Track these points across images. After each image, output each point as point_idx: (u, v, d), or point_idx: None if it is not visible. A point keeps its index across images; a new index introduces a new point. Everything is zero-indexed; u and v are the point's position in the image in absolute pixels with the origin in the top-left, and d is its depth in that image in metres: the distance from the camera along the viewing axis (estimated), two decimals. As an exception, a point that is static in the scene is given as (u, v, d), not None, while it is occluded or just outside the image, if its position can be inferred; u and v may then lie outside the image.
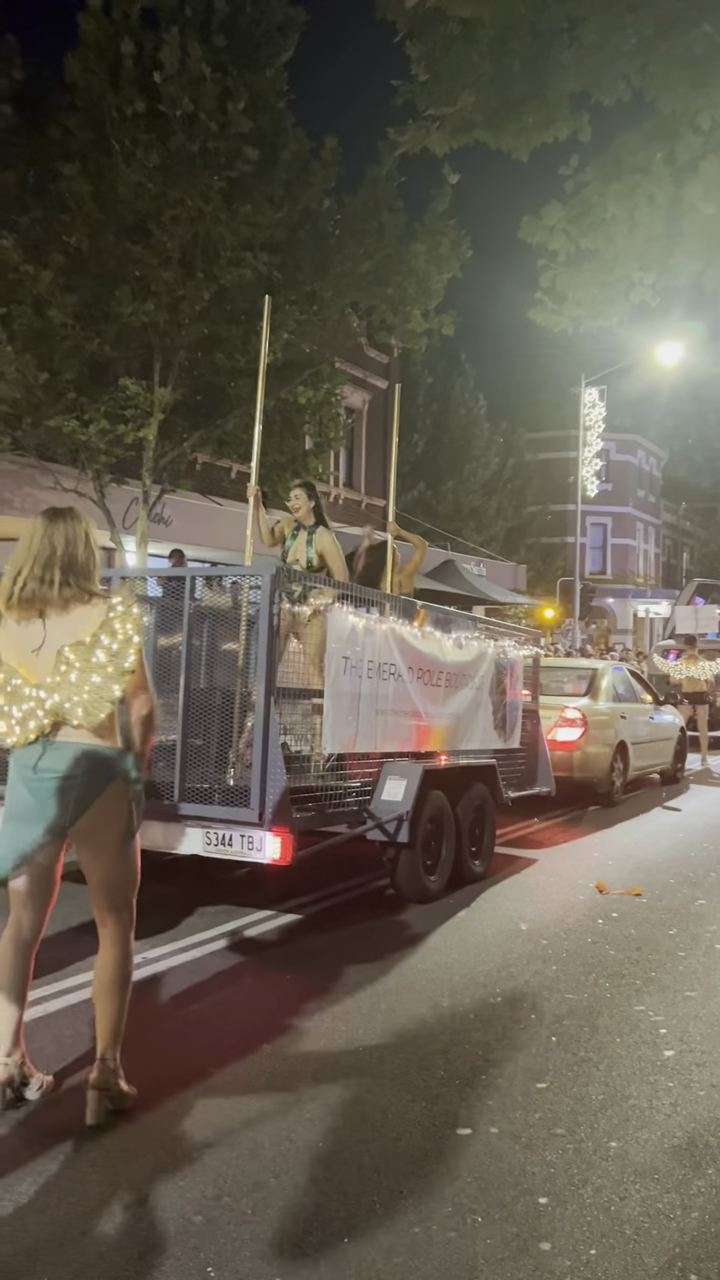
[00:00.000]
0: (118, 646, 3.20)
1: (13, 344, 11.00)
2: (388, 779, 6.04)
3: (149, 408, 11.72)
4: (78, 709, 3.20)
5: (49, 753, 3.26)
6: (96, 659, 3.19)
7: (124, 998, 3.43)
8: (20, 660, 3.29)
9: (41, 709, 3.22)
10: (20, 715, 3.23)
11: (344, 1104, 3.53)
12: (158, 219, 11.14)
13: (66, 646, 3.20)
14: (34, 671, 3.25)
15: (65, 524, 3.33)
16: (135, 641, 3.23)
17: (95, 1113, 3.28)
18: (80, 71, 11.09)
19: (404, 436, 26.75)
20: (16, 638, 3.30)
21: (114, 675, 3.21)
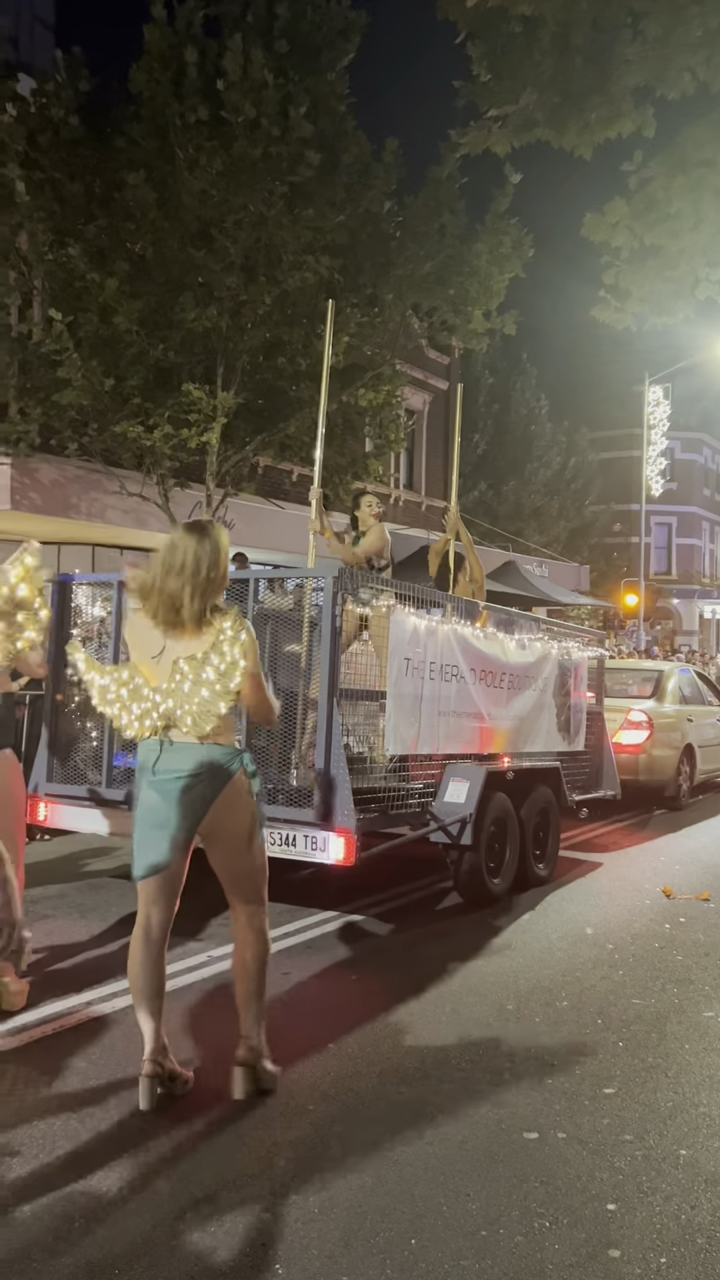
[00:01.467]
0: (225, 668, 3.33)
1: (80, 351, 11.17)
2: (450, 781, 6.02)
3: (212, 412, 11.83)
4: (186, 718, 3.37)
5: (165, 754, 3.44)
6: (206, 675, 3.34)
7: (263, 982, 3.58)
8: (143, 661, 3.47)
9: (156, 712, 3.41)
10: (138, 713, 3.44)
11: (409, 1105, 3.53)
12: (221, 225, 11.24)
13: (183, 659, 3.35)
14: (155, 674, 3.43)
15: (192, 541, 3.40)
16: (241, 666, 3.34)
17: (241, 1087, 3.47)
18: (145, 81, 11.24)
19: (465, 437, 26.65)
20: (143, 639, 3.47)
21: (220, 694, 3.35)
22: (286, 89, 10.99)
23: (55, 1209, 2.80)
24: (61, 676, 6.24)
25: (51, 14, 29.65)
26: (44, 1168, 3.03)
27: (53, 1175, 2.98)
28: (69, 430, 12.29)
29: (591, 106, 7.33)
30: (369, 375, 13.35)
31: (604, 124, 7.43)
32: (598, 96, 7.28)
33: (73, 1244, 2.64)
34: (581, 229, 8.16)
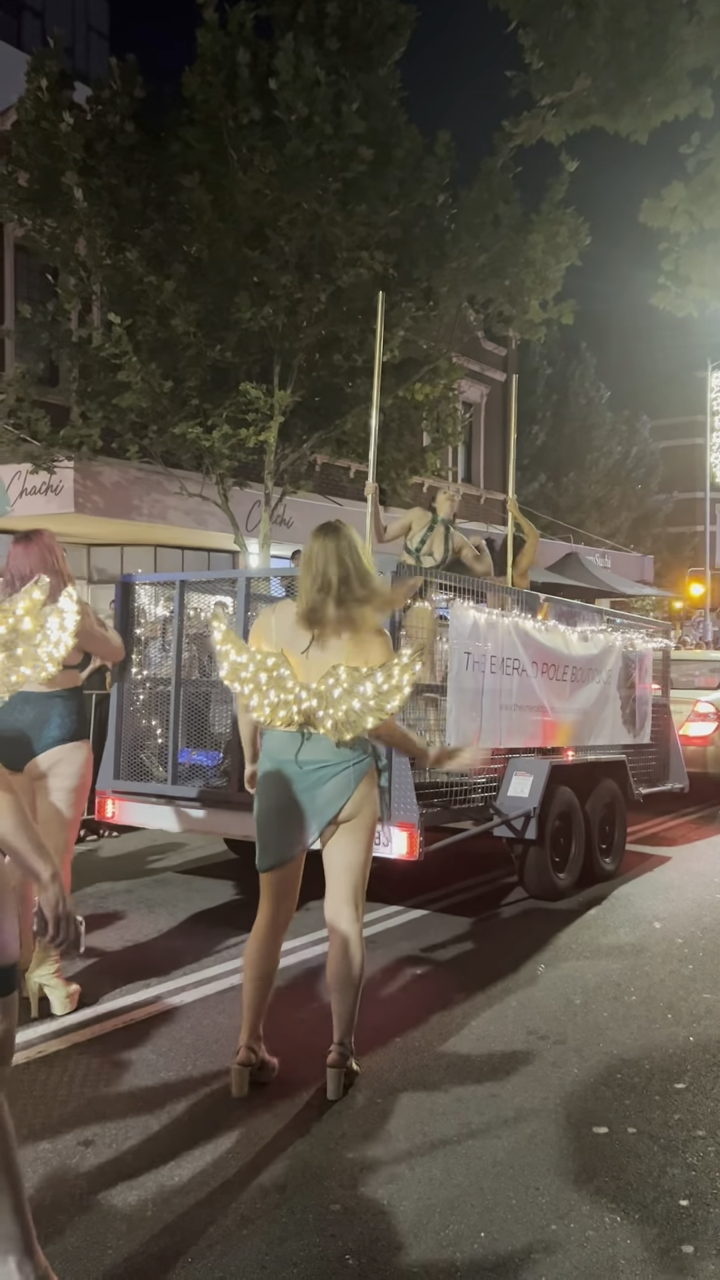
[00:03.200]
0: (388, 688, 3.34)
1: (139, 354, 11.32)
2: (514, 775, 5.99)
3: (269, 411, 11.91)
4: (328, 721, 3.39)
5: (307, 744, 3.47)
6: (363, 689, 3.34)
7: (359, 984, 3.58)
8: (290, 652, 3.49)
9: (297, 706, 3.41)
10: (275, 701, 3.44)
11: (477, 1099, 3.53)
12: (275, 224, 11.30)
13: (343, 666, 3.36)
14: (301, 669, 3.45)
15: (331, 542, 3.46)
16: (405, 692, 3.36)
17: (336, 1089, 3.50)
18: (198, 85, 11.33)
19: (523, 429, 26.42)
20: (290, 633, 3.52)
21: (373, 710, 3.36)
22: (338, 86, 11.00)
23: (129, 1197, 2.85)
24: (129, 674, 6.33)
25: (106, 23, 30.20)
26: (117, 1157, 3.08)
27: (126, 1165, 3.03)
28: (129, 433, 12.45)
29: (647, 90, 7.21)
30: (425, 369, 13.31)
31: (660, 107, 7.31)
32: (653, 79, 7.16)
33: (146, 1232, 2.68)
34: (639, 215, 8.05)
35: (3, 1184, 2.17)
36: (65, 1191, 2.88)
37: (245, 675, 3.50)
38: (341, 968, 3.55)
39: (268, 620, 3.64)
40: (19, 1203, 2.20)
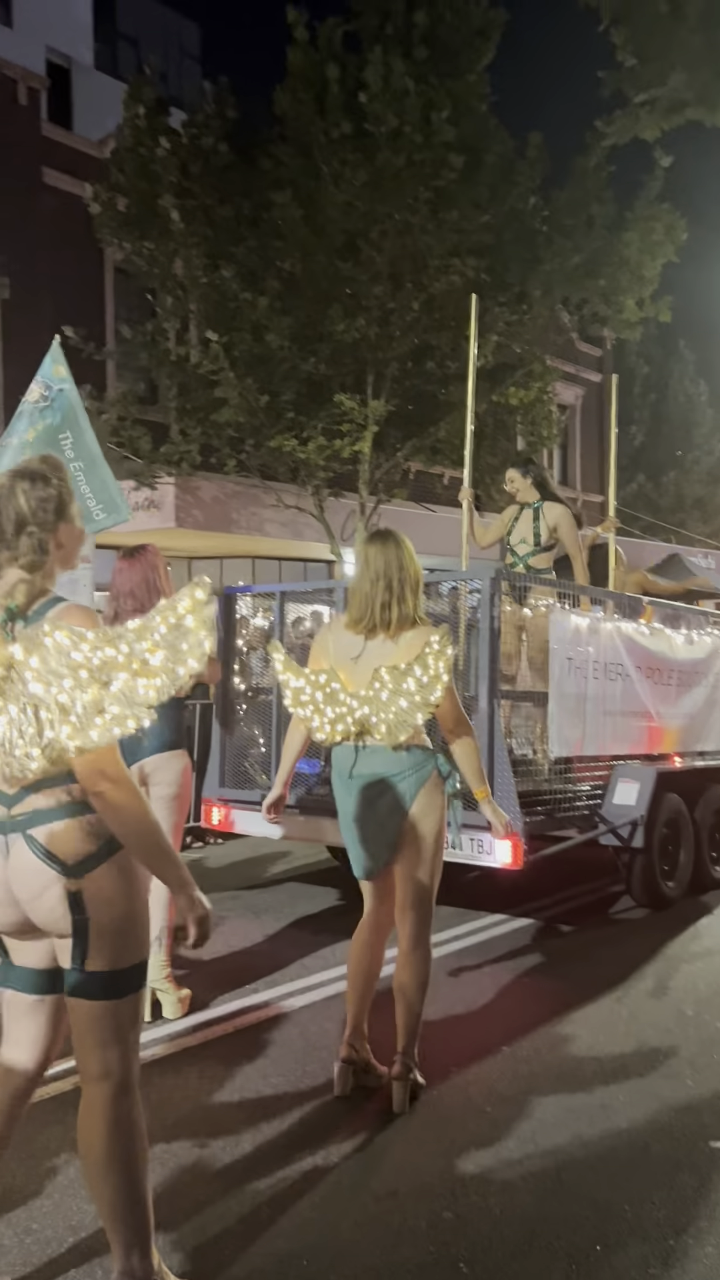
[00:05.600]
0: (427, 680, 3.34)
1: (235, 370, 11.52)
2: (619, 782, 5.90)
3: (363, 421, 11.98)
4: (381, 726, 3.40)
5: (361, 758, 3.50)
6: (407, 686, 3.36)
7: (423, 997, 3.58)
8: (340, 665, 3.53)
9: (351, 717, 3.45)
10: (332, 716, 3.49)
11: (587, 1110, 3.48)
12: (366, 236, 11.38)
13: (384, 667, 3.38)
14: (351, 679, 3.49)
15: (391, 548, 3.49)
16: (444, 680, 3.36)
17: (401, 1102, 3.47)
18: (289, 102, 11.50)
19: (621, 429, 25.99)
20: (341, 645, 3.56)
21: (419, 705, 3.37)
22: (427, 95, 11.04)
23: (243, 1201, 2.90)
24: (231, 684, 6.44)
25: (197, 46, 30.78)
26: (230, 1161, 3.14)
27: (239, 1169, 3.09)
28: (227, 448, 12.67)
29: (744, 80, 7.05)
30: (519, 373, 13.23)
31: (758, 96, 7.14)
32: (751, 69, 7.00)
33: (260, 1234, 2.72)
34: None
35: (132, 1179, 2.24)
36: (181, 1193, 2.94)
37: (305, 698, 3.55)
38: (403, 976, 3.56)
39: (324, 638, 3.68)
40: (143, 1199, 2.26)
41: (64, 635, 2.01)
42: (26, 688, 2.03)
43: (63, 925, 2.18)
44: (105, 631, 2.04)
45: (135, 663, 1.99)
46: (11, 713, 2.05)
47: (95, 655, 2.00)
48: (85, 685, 2.00)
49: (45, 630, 2.03)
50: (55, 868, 2.15)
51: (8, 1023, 2.39)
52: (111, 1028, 2.21)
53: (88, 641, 2.01)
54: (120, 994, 2.21)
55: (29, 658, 2.02)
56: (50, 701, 2.01)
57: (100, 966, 2.18)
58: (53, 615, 2.18)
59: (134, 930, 2.22)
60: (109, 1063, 2.22)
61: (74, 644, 2.01)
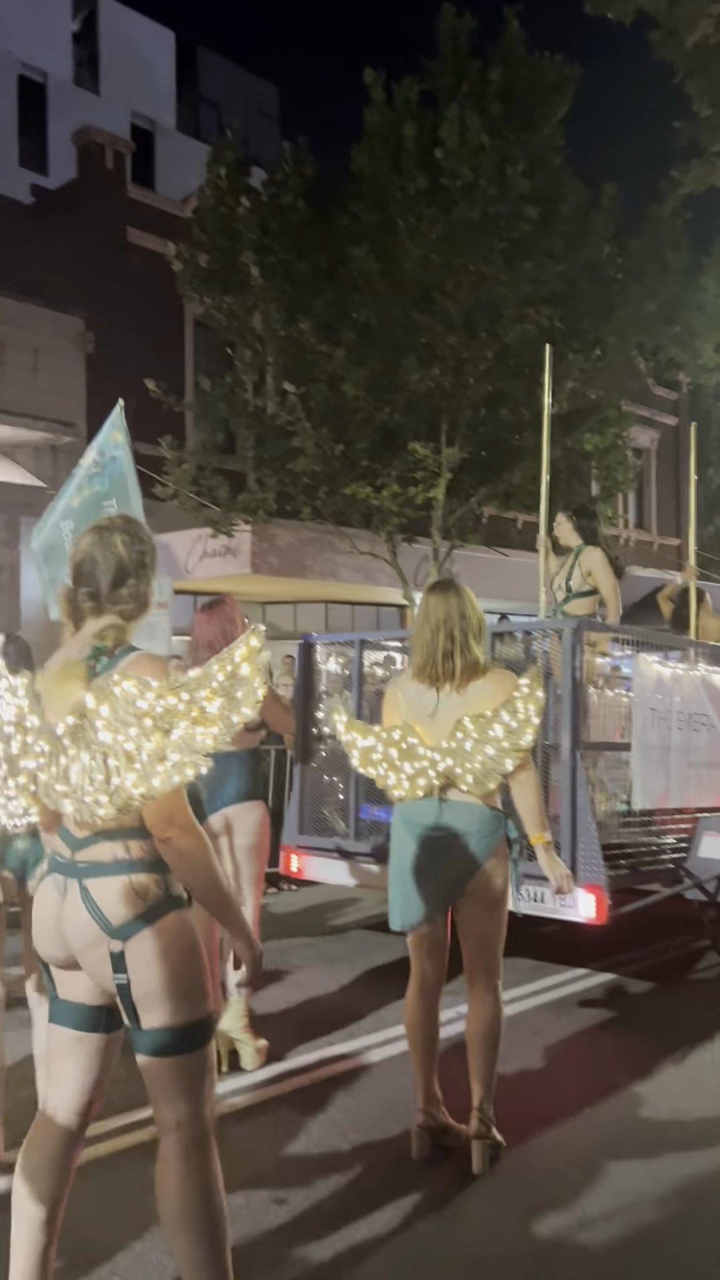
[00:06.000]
0: (517, 725, 3.30)
1: (311, 420, 11.71)
2: (705, 835, 5.76)
3: (437, 468, 12.07)
4: (468, 776, 3.35)
5: (445, 810, 3.43)
6: (494, 733, 3.31)
7: (496, 1052, 3.51)
8: (415, 720, 3.49)
9: (434, 769, 3.40)
10: (411, 772, 3.44)
11: (674, 1178, 3.37)
12: (442, 287, 11.54)
13: (467, 716, 3.34)
14: (429, 733, 3.44)
15: (452, 598, 3.47)
16: (535, 723, 3.32)
17: (480, 1162, 3.38)
18: (366, 160, 11.78)
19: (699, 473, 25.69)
20: (415, 700, 3.52)
21: (509, 750, 3.32)
22: (503, 149, 11.20)
23: (320, 1256, 2.86)
24: (309, 730, 6.46)
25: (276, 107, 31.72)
26: (308, 1216, 3.10)
27: (317, 1227, 3.04)
28: (302, 495, 12.85)
29: None
30: (594, 419, 13.21)
31: None
32: None
33: (341, 1295, 2.68)
34: None
35: (209, 1232, 2.22)
36: (259, 1249, 2.91)
37: (376, 757, 3.51)
38: (474, 1032, 3.49)
39: (394, 694, 3.64)
40: (221, 1253, 2.24)
41: (131, 684, 2.07)
42: (97, 735, 2.08)
43: (109, 983, 2.21)
44: (169, 681, 2.09)
45: (194, 710, 2.03)
46: (84, 760, 2.10)
47: (159, 704, 2.05)
48: (149, 733, 2.05)
49: (115, 679, 2.09)
50: (102, 925, 2.19)
51: (53, 1061, 2.38)
52: (180, 1082, 2.22)
53: (152, 690, 2.06)
54: (181, 1050, 2.22)
55: (100, 706, 2.07)
56: (118, 749, 2.06)
57: (156, 1024, 2.21)
58: (124, 664, 2.24)
59: (182, 990, 2.22)
60: (180, 1115, 2.23)
61: (140, 692, 2.06)
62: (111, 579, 2.33)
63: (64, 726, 2.16)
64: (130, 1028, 2.24)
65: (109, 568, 2.33)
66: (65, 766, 2.14)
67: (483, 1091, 3.47)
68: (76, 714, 2.12)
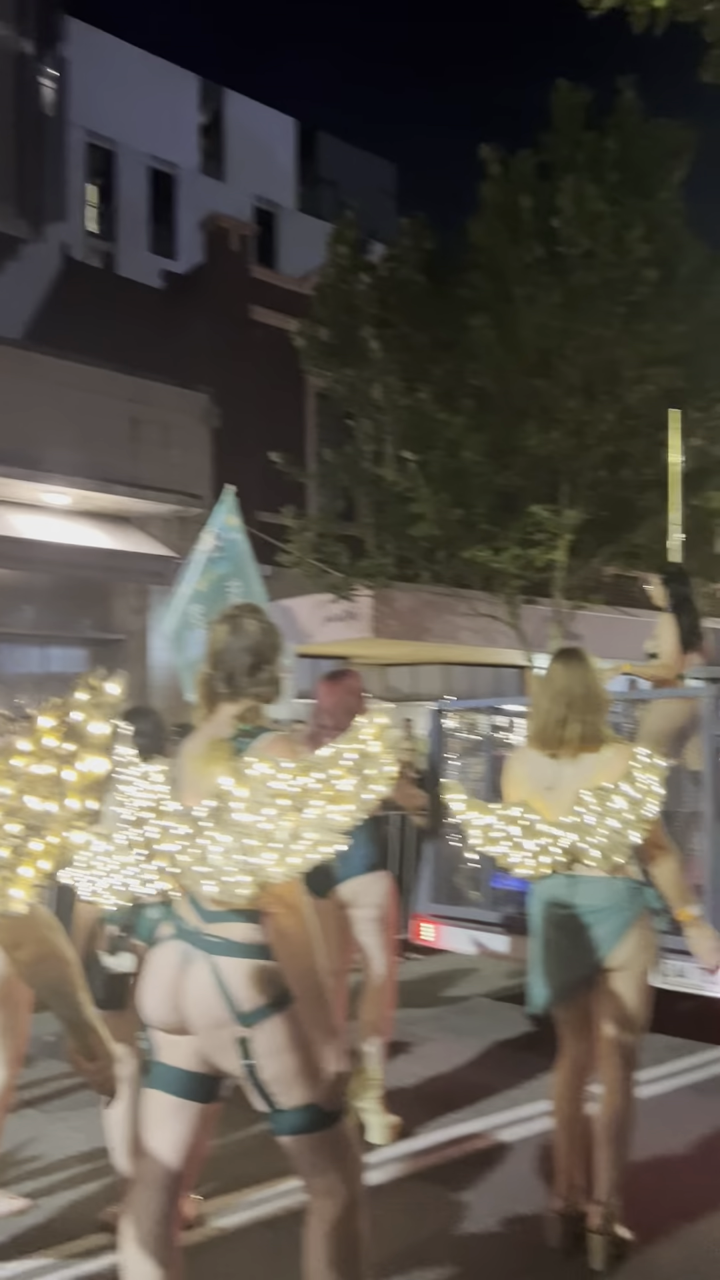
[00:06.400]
0: (639, 796, 3.24)
1: (429, 486, 11.86)
2: None
3: (558, 530, 12.03)
4: (593, 850, 3.28)
5: (576, 887, 3.36)
6: (615, 805, 3.24)
7: (628, 1140, 3.39)
8: (535, 795, 3.45)
9: (557, 846, 3.34)
10: (535, 849, 3.37)
11: None
12: (560, 352, 11.59)
13: (586, 790, 3.29)
14: (549, 808, 3.39)
15: (575, 667, 3.46)
16: (658, 793, 3.25)
17: (601, 1258, 3.24)
18: (483, 232, 12.01)
19: None
20: (534, 773, 3.47)
21: (634, 823, 3.25)
22: (621, 215, 11.27)
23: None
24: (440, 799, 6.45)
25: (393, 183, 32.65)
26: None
27: (454, 1313, 2.98)
28: (422, 559, 12.97)
29: None
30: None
31: None
32: None
33: None
34: None
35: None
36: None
37: (496, 835, 3.45)
38: (605, 1119, 3.36)
39: (515, 767, 3.60)
40: None
41: (266, 765, 2.13)
42: (235, 817, 2.14)
43: (233, 1066, 2.23)
44: (302, 761, 2.14)
45: (328, 790, 2.07)
46: (224, 841, 2.16)
47: (294, 784, 2.10)
48: (286, 813, 2.10)
49: (249, 761, 2.15)
50: (231, 1009, 2.21)
51: (151, 1125, 2.37)
52: (326, 1153, 2.24)
53: (287, 770, 2.12)
54: (321, 1126, 2.23)
55: (238, 788, 2.14)
56: (255, 830, 2.12)
57: (291, 1104, 2.22)
58: (259, 745, 2.31)
59: (310, 1073, 2.23)
60: (331, 1182, 2.24)
61: (275, 773, 2.12)
62: (248, 666, 2.43)
63: (203, 809, 2.23)
64: (266, 1110, 2.25)
65: (245, 655, 2.44)
66: (205, 848, 2.21)
67: (609, 1183, 3.32)
68: (215, 797, 2.19)
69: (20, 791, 1.29)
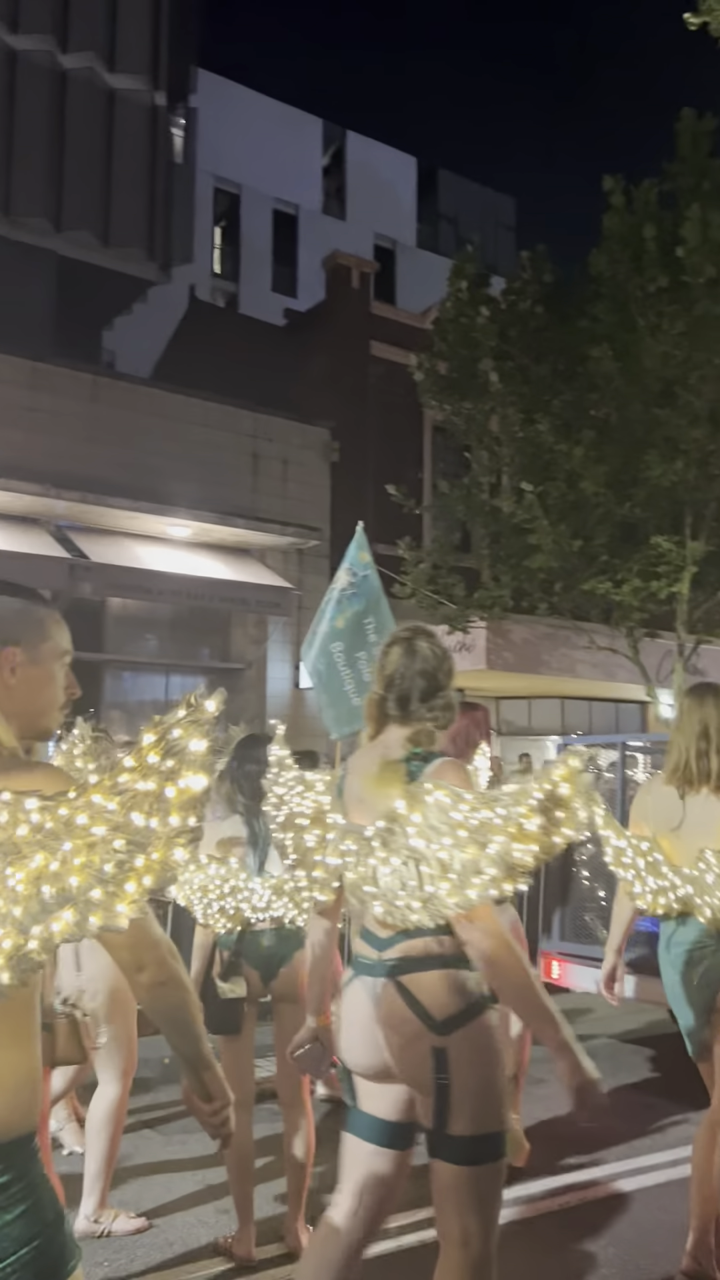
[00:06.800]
0: None
1: (548, 517, 11.76)
2: None
3: (681, 562, 11.77)
4: (706, 909, 3.18)
5: (679, 928, 3.30)
6: None
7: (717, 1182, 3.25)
8: (661, 833, 3.38)
9: (674, 893, 3.26)
10: (654, 887, 3.31)
11: None
12: (684, 381, 11.40)
13: (711, 850, 3.19)
14: (674, 849, 3.31)
15: (708, 701, 3.38)
16: None
17: None
18: (605, 263, 11.93)
19: None
20: (660, 809, 3.39)
21: None
22: (746, 243, 11.06)
23: None
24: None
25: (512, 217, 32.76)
26: None
27: None
28: (539, 591, 12.84)
29: None
30: None
31: None
32: None
33: None
34: None
35: None
36: None
37: (626, 860, 3.37)
38: (697, 1158, 3.24)
39: (643, 801, 3.52)
40: None
41: (444, 794, 2.11)
42: (408, 841, 2.13)
43: (425, 1082, 2.19)
44: (483, 794, 2.12)
45: (512, 827, 2.04)
46: (394, 864, 2.15)
47: (473, 817, 2.07)
48: (464, 845, 2.07)
49: (427, 787, 2.14)
50: (424, 1020, 2.18)
51: (346, 1169, 2.39)
52: (472, 1195, 2.18)
53: (466, 802, 2.09)
54: (480, 1160, 2.19)
55: (411, 813, 2.13)
56: (430, 857, 2.10)
57: (461, 1131, 2.18)
58: (431, 770, 2.27)
59: (494, 1096, 2.21)
60: (468, 1231, 2.19)
61: (453, 803, 2.09)
62: (423, 690, 2.41)
63: (373, 830, 2.22)
64: (431, 1132, 2.20)
65: (420, 679, 2.42)
66: (374, 868, 2.20)
67: (698, 1231, 3.22)
68: (388, 819, 2.19)
69: (125, 807, 1.33)
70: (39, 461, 11.58)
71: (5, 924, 1.32)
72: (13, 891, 1.32)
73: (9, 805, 1.34)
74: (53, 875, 1.32)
